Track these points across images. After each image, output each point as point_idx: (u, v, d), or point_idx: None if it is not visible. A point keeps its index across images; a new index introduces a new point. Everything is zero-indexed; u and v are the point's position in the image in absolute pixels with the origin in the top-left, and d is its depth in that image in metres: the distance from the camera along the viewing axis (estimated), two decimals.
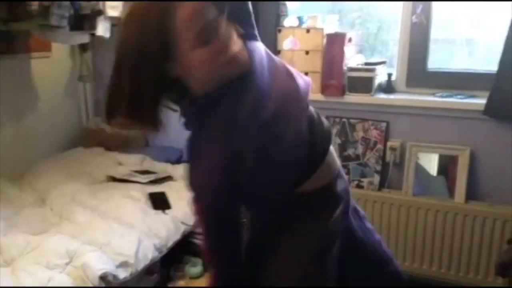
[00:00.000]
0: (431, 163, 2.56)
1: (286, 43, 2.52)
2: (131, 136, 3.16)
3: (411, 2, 2.49)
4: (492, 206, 2.39)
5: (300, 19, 2.69)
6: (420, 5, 2.46)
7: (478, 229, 2.39)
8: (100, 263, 1.80)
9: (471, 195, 2.44)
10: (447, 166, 2.50)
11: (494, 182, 2.42)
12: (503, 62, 2.26)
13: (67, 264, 1.81)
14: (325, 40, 2.60)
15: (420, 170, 2.55)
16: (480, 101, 2.35)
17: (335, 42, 2.59)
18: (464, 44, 2.72)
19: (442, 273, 2.50)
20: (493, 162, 2.41)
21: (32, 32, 2.59)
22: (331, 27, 2.71)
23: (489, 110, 2.31)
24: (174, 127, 3.58)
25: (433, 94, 2.52)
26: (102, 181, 2.62)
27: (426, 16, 2.49)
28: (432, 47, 2.58)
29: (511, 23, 2.21)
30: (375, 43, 2.88)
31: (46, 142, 2.94)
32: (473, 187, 2.45)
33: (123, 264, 1.89)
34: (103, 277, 1.78)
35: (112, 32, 2.59)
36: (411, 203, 2.50)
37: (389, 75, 2.62)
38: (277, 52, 2.70)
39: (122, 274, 1.87)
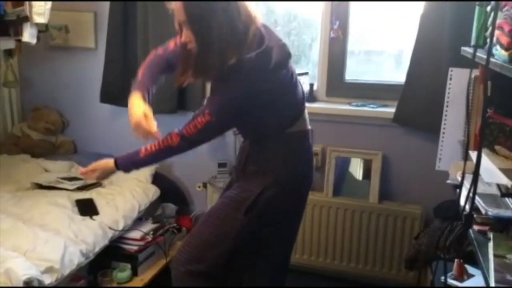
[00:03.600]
0: (357, 168, 2.75)
1: None
2: (59, 143, 3.13)
3: (329, 17, 2.68)
4: (402, 206, 2.61)
5: None
6: (337, 21, 2.66)
7: (391, 227, 2.60)
8: (24, 269, 1.79)
9: (384, 195, 2.66)
10: (370, 170, 2.68)
11: (404, 183, 2.66)
12: (409, 74, 2.49)
13: None
14: None
15: (348, 175, 2.74)
16: (390, 110, 2.58)
17: None
18: (392, 56, 2.94)
19: (360, 268, 2.69)
20: (402, 165, 2.65)
21: None
22: None
23: (398, 118, 2.54)
24: (105, 134, 3.57)
25: (350, 103, 2.72)
26: (27, 188, 2.59)
27: (343, 31, 2.69)
28: (363, 58, 2.78)
29: (417, 36, 2.45)
30: (310, 53, 3.03)
31: None
32: (386, 188, 2.67)
33: (49, 270, 1.90)
34: (27, 282, 1.77)
35: (38, 38, 2.58)
36: (331, 204, 2.68)
37: (311, 85, 2.80)
38: None
39: (48, 280, 1.87)
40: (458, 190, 1.62)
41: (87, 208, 2.34)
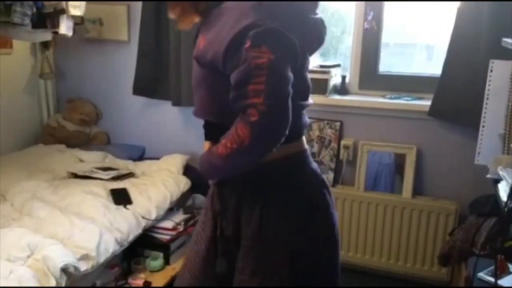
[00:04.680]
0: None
1: None
2: (93, 134, 3.20)
3: (363, 9, 2.64)
4: (436, 201, 2.56)
5: None
6: (371, 12, 2.61)
7: (424, 223, 2.56)
8: (61, 256, 1.83)
9: (417, 190, 2.61)
10: (402, 165, 2.63)
11: (438, 178, 2.60)
12: (446, 67, 2.43)
13: (28, 257, 1.83)
14: None
15: (379, 170, 2.70)
16: (425, 103, 2.53)
17: None
18: (423, 49, 2.88)
19: (391, 264, 2.66)
20: (437, 159, 2.59)
21: None
22: None
23: (434, 111, 2.49)
24: (137, 126, 3.62)
25: (383, 96, 2.68)
26: (63, 177, 2.65)
27: (377, 23, 2.64)
28: (393, 51, 2.75)
29: (453, 29, 2.39)
30: (339, 46, 3.00)
31: (6, 139, 2.93)
32: (420, 183, 2.62)
33: (84, 257, 1.93)
34: (64, 269, 1.81)
35: (74, 30, 2.63)
36: (363, 198, 2.65)
37: (343, 77, 2.76)
38: None
39: (84, 267, 1.91)
40: (498, 185, 1.58)
41: (121, 198, 2.38)
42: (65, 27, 2.50)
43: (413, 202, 2.57)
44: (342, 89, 2.76)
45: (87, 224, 2.10)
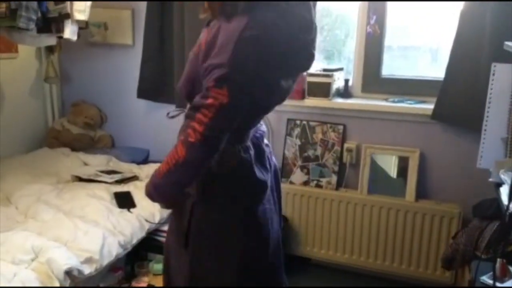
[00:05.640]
0: (391, 166, 2.70)
1: None
2: (97, 137, 3.22)
3: (366, 13, 2.65)
4: (439, 204, 2.56)
5: None
6: (374, 16, 2.62)
7: (427, 226, 2.55)
8: (65, 259, 1.85)
9: (420, 194, 2.61)
10: (405, 168, 2.63)
11: (442, 181, 2.60)
12: (449, 70, 2.43)
13: (32, 260, 1.85)
14: None
15: (381, 173, 2.70)
16: (428, 106, 2.52)
17: None
18: (428, 52, 2.87)
19: (395, 267, 2.65)
20: (441, 163, 2.59)
21: None
22: None
23: (437, 115, 2.48)
24: (141, 129, 3.62)
25: (386, 99, 2.67)
26: (67, 181, 2.67)
27: (380, 26, 2.65)
28: (397, 54, 2.77)
29: (457, 32, 2.39)
30: (343, 49, 3.00)
31: (11, 142, 2.96)
32: (423, 186, 2.62)
33: (88, 260, 1.95)
34: (68, 272, 1.83)
35: (78, 35, 2.65)
36: (366, 202, 2.65)
37: (346, 80, 2.77)
38: None
39: (87, 270, 1.93)
40: (500, 189, 1.58)
41: (125, 201, 2.39)
42: (69, 32, 2.52)
43: (417, 205, 2.57)
44: (345, 93, 2.76)
45: (91, 227, 2.12)
